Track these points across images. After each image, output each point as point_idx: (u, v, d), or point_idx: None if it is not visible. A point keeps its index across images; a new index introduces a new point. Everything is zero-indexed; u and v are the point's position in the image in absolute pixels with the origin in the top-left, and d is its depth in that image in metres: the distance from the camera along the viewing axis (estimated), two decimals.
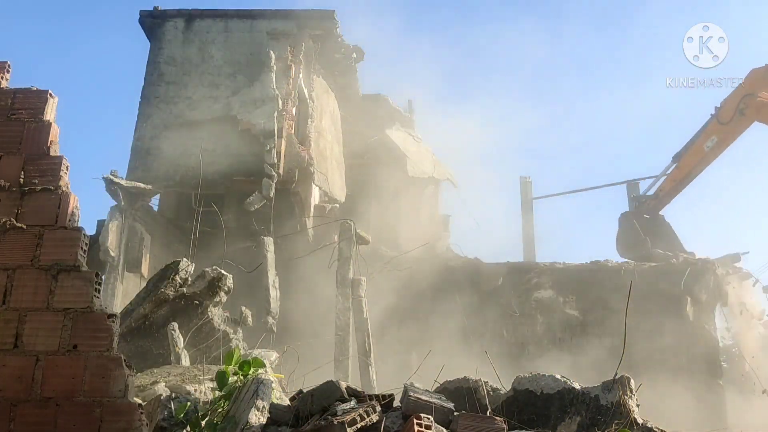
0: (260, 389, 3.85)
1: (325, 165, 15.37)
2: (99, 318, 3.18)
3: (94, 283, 3.24)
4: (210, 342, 6.27)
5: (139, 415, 3.08)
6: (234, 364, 4.15)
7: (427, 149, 18.82)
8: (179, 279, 6.27)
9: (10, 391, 3.05)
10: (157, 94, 13.97)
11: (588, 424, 3.85)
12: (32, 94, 3.57)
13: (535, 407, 4.00)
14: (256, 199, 12.93)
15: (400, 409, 3.59)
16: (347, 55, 15.74)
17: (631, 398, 3.92)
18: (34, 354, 3.11)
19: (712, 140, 12.79)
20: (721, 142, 12.83)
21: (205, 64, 14.15)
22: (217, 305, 6.63)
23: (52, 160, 3.44)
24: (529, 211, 24.68)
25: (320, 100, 15.69)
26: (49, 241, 3.28)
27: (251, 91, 13.76)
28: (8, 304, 3.18)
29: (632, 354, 12.73)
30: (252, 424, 3.65)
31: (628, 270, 13.36)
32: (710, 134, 12.92)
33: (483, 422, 3.42)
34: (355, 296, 10.54)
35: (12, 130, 3.49)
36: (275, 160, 13.21)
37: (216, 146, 13.47)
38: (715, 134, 12.84)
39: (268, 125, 13.41)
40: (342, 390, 3.61)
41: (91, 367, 3.10)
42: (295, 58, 14.26)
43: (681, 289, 13.19)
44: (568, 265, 13.87)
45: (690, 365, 13.06)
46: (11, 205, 3.33)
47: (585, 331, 13.30)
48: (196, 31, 14.46)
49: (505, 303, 13.50)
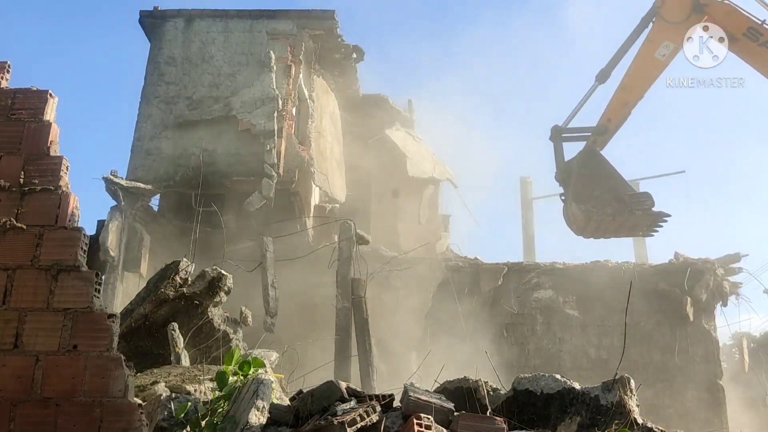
0: (260, 389, 3.85)
1: (325, 165, 15.37)
2: (99, 318, 3.18)
3: (94, 283, 3.24)
4: (210, 342, 6.27)
5: (139, 415, 3.08)
6: (234, 364, 4.15)
7: (427, 149, 18.82)
8: (179, 279, 6.27)
9: (10, 391, 3.05)
10: (157, 94, 13.97)
11: (588, 425, 3.84)
12: (32, 94, 3.57)
13: (535, 407, 3.99)
14: (256, 199, 12.93)
15: (400, 409, 3.59)
16: (347, 55, 15.73)
17: (631, 398, 3.92)
18: (34, 354, 3.11)
19: (667, 46, 10.40)
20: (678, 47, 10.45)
21: (205, 64, 14.15)
22: (217, 305, 6.63)
23: (52, 160, 3.44)
24: (529, 211, 24.74)
25: (320, 100, 15.69)
26: (49, 241, 3.28)
27: (251, 91, 13.76)
28: (8, 304, 3.18)
29: (632, 354, 12.78)
30: (252, 424, 3.65)
31: (628, 270, 13.36)
32: (660, 39, 10.49)
33: (483, 422, 3.42)
34: (355, 296, 10.53)
35: (12, 130, 3.49)
36: (275, 160, 13.21)
37: (216, 146, 13.48)
38: (668, 39, 10.43)
39: (268, 125, 13.41)
40: (342, 390, 3.61)
41: (91, 367, 3.10)
42: (295, 58, 14.26)
43: (681, 289, 13.18)
44: (568, 265, 13.87)
45: (690, 365, 13.06)
46: (11, 205, 3.33)
47: (585, 331, 13.31)
48: (196, 31, 14.46)
49: (505, 303, 13.50)
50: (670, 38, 10.45)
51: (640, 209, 10.36)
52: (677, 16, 10.31)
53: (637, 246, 21.30)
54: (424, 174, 18.01)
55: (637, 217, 10.44)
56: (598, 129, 10.78)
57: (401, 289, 13.18)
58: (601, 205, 10.40)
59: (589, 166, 10.68)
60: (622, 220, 10.38)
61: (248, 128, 13.48)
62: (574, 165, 10.80)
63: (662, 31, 10.48)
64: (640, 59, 10.62)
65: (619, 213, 10.34)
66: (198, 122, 13.65)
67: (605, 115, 10.82)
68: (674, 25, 10.35)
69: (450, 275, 13.39)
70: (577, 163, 10.80)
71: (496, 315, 13.41)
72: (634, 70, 10.67)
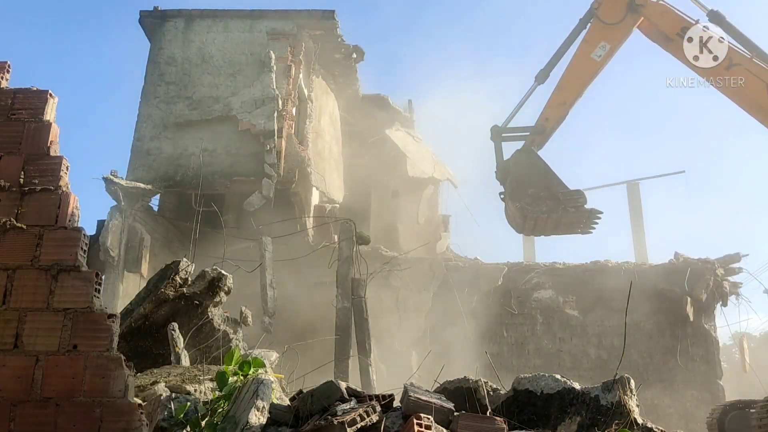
0: (260, 389, 3.85)
1: (322, 165, 15.38)
2: (99, 318, 3.18)
3: (94, 283, 3.24)
4: (210, 342, 6.26)
5: (139, 415, 3.07)
6: (234, 364, 4.15)
7: (427, 149, 18.83)
8: (179, 279, 6.26)
9: (10, 391, 3.04)
10: (157, 94, 13.98)
11: (588, 425, 3.84)
12: (32, 94, 3.57)
13: (535, 407, 3.99)
14: (256, 199, 12.94)
15: (400, 409, 3.59)
16: (347, 55, 15.74)
17: (631, 398, 3.92)
18: (34, 354, 3.10)
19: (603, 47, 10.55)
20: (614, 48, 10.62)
21: (205, 64, 14.16)
22: (217, 305, 6.62)
23: (52, 160, 3.44)
24: None
25: (319, 101, 15.70)
26: (49, 241, 3.27)
27: (251, 91, 13.77)
28: (8, 304, 3.18)
29: (632, 354, 12.79)
30: (252, 425, 3.65)
31: (628, 270, 13.36)
32: (597, 40, 10.62)
33: (483, 422, 3.42)
34: (355, 296, 10.53)
35: (12, 130, 3.48)
36: (275, 160, 13.22)
37: (216, 146, 13.49)
38: (605, 39, 10.56)
39: (268, 125, 13.42)
40: (342, 390, 3.61)
41: (91, 367, 3.10)
42: (295, 58, 14.26)
43: (681, 289, 13.19)
44: (568, 265, 13.88)
45: (690, 365, 13.07)
46: (11, 205, 3.33)
47: (585, 331, 13.32)
48: (196, 31, 14.46)
49: (505, 303, 13.51)
50: (606, 39, 10.52)
51: (573, 206, 10.38)
52: (613, 17, 10.39)
53: (637, 246, 21.32)
54: (424, 174, 18.02)
55: (571, 215, 10.44)
56: (537, 128, 10.81)
57: (401, 289, 13.19)
58: (536, 203, 10.46)
59: (524, 164, 10.70)
60: (557, 217, 10.42)
61: (248, 128, 13.49)
62: (510, 164, 10.83)
63: (599, 31, 10.54)
64: (576, 60, 10.65)
65: (553, 210, 10.37)
66: (198, 122, 13.66)
67: (543, 114, 10.86)
68: (610, 26, 10.41)
69: (450, 275, 13.39)
70: (513, 162, 10.83)
71: (496, 315, 13.42)
72: (570, 70, 10.70)
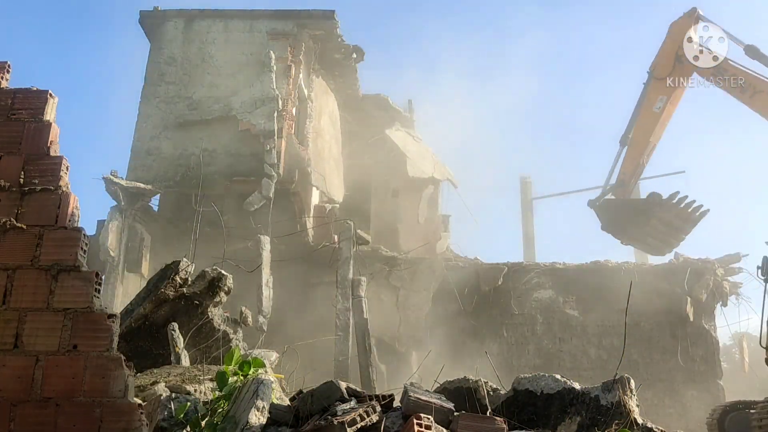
0: (260, 389, 3.85)
1: (322, 165, 15.37)
2: (99, 318, 3.18)
3: (94, 283, 3.24)
4: (210, 342, 6.27)
5: (139, 415, 3.07)
6: (234, 364, 4.15)
7: (427, 149, 18.82)
8: (179, 279, 6.26)
9: (10, 391, 3.04)
10: (157, 94, 13.97)
11: (588, 425, 3.84)
12: (32, 94, 3.57)
13: (535, 407, 3.99)
14: (256, 199, 12.93)
15: (400, 409, 3.59)
16: (347, 55, 15.73)
17: (631, 398, 3.92)
18: (34, 354, 3.10)
19: (661, 99, 12.02)
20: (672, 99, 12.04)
21: (205, 64, 14.15)
22: (217, 305, 6.62)
23: (52, 160, 3.44)
24: (529, 211, 24.75)
25: (319, 101, 15.69)
26: (49, 241, 3.27)
27: (251, 91, 13.76)
28: (8, 304, 3.18)
29: (632, 354, 12.78)
30: (252, 425, 3.65)
31: (628, 270, 13.36)
32: (655, 95, 12.14)
33: (483, 422, 3.42)
34: (355, 296, 10.54)
35: (12, 130, 3.48)
36: (275, 160, 13.21)
37: (216, 146, 13.48)
38: (661, 92, 12.09)
39: (268, 125, 13.41)
40: (342, 390, 3.61)
41: (91, 367, 3.09)
42: (295, 58, 14.26)
43: (681, 289, 13.18)
44: (568, 265, 13.87)
45: (690, 365, 13.07)
46: (11, 205, 3.33)
47: (585, 331, 13.31)
48: (196, 31, 14.46)
49: (505, 303, 13.50)
50: (662, 92, 12.06)
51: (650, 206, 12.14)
52: (665, 71, 11.97)
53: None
54: (424, 174, 18.01)
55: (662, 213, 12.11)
56: (619, 183, 12.63)
57: (401, 289, 13.18)
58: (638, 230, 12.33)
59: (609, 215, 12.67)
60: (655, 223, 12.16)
61: (248, 128, 13.49)
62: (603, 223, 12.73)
63: (656, 87, 12.14)
64: (641, 115, 12.31)
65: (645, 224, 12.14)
66: (198, 122, 13.65)
67: (622, 169, 12.63)
68: (664, 80, 11.99)
69: (450, 275, 13.39)
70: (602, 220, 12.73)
71: (496, 315, 13.42)
72: (637, 125, 12.38)
